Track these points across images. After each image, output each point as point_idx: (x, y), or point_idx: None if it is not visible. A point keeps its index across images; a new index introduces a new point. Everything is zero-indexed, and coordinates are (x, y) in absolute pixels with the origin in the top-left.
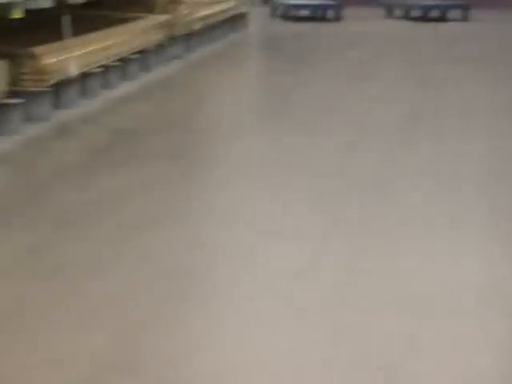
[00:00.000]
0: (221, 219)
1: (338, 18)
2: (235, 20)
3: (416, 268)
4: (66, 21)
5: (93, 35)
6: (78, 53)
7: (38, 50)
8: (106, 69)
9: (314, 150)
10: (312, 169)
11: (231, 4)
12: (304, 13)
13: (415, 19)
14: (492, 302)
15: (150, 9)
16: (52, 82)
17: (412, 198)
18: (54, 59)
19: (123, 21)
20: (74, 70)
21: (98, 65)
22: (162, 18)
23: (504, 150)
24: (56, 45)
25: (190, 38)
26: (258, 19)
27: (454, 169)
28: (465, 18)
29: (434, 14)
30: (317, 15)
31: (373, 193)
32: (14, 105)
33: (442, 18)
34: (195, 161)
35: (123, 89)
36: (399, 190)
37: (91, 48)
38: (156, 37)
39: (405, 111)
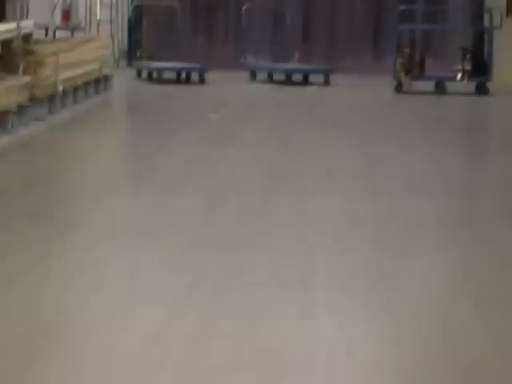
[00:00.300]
0: (80, 280)
1: (202, 81)
2: (100, 82)
3: (270, 328)
4: None
5: None
6: None
7: None
8: None
9: (173, 212)
10: (172, 230)
11: (96, 66)
12: (169, 75)
13: (278, 83)
14: (343, 361)
15: (11, 69)
16: None
17: (270, 257)
18: None
19: None
20: None
21: None
22: (24, 79)
23: (358, 209)
24: None
25: (54, 99)
26: (123, 81)
27: (311, 227)
28: (326, 82)
29: (297, 77)
30: (181, 78)
31: (232, 253)
32: None
33: (304, 82)
34: (55, 221)
35: None
36: (258, 249)
37: None
38: (17, 98)
39: (265, 173)
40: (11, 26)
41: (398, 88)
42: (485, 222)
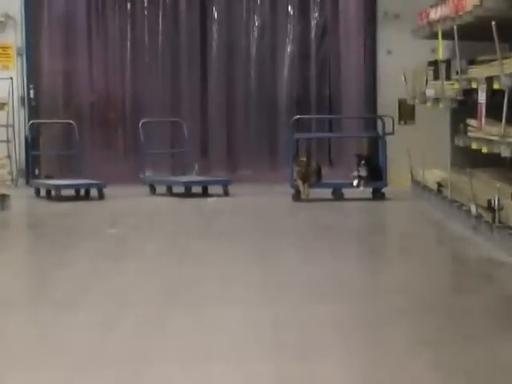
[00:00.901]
0: None
1: (101, 197)
2: None
3: None
4: None
5: None
6: None
7: None
8: None
9: (69, 328)
10: (67, 346)
11: None
12: (67, 192)
13: (178, 195)
14: None
15: None
16: None
17: (168, 369)
18: None
19: None
20: None
21: None
22: None
23: (255, 317)
24: None
25: None
26: (22, 200)
27: (209, 336)
28: (226, 193)
29: (197, 189)
30: (80, 194)
31: (129, 367)
32: None
33: (203, 194)
34: None
35: None
36: (155, 361)
37: None
38: None
39: (163, 286)
40: None
41: (296, 196)
42: (379, 326)
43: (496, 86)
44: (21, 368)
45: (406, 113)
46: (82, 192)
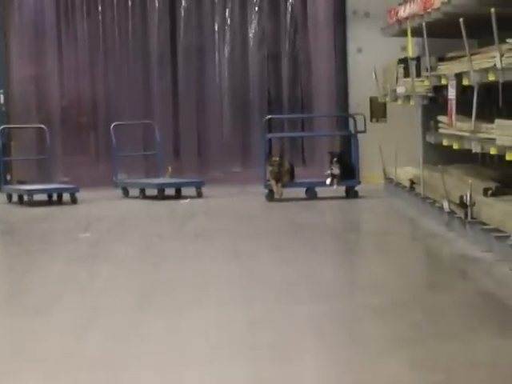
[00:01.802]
0: None
1: (74, 201)
2: None
3: None
4: None
5: None
6: None
7: None
8: None
9: (42, 333)
10: (41, 351)
11: None
12: (40, 197)
13: (151, 198)
14: None
15: None
16: None
17: (142, 373)
18: None
19: None
20: None
21: None
22: None
23: (231, 318)
24: None
25: None
26: None
27: (184, 339)
28: (199, 195)
29: (170, 191)
30: (53, 199)
31: (103, 371)
32: None
33: (177, 196)
34: None
35: None
36: (130, 365)
37: None
38: None
39: (137, 289)
40: None
41: (270, 196)
42: (354, 324)
43: (465, 82)
44: None
45: (378, 111)
46: (55, 197)
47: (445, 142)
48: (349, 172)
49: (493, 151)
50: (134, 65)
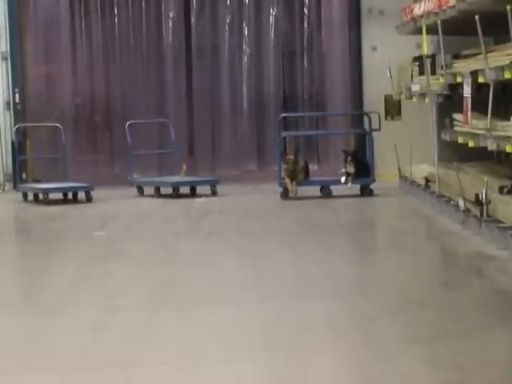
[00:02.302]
0: None
1: (89, 200)
2: None
3: None
4: None
5: None
6: None
7: None
8: None
9: (59, 331)
10: (59, 350)
11: None
12: (55, 196)
13: (166, 196)
14: None
15: None
16: None
17: (158, 372)
18: None
19: None
20: None
21: None
22: None
23: (247, 316)
24: None
25: None
26: (9, 205)
27: (199, 337)
28: (214, 193)
29: (184, 190)
30: (68, 198)
31: (119, 370)
32: None
33: (191, 194)
34: None
35: None
36: (145, 364)
37: None
38: None
39: (152, 287)
40: None
41: (284, 194)
42: (371, 322)
43: (481, 80)
44: (11, 372)
45: (393, 109)
46: (70, 195)
47: (460, 140)
48: (364, 170)
49: (509, 149)
50: (148, 63)
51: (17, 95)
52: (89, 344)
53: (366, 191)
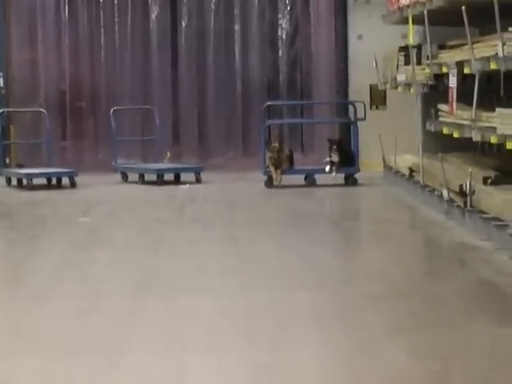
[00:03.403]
0: None
1: (73, 186)
2: None
3: None
4: None
5: None
6: None
7: None
8: None
9: (43, 317)
10: (43, 335)
11: None
12: (39, 181)
13: (150, 183)
14: None
15: None
16: None
17: (141, 358)
18: None
19: None
20: None
21: None
22: None
23: (229, 305)
24: None
25: None
26: None
27: (183, 325)
28: (198, 181)
29: (169, 177)
30: (52, 183)
31: (103, 357)
32: None
33: (176, 181)
34: None
35: None
36: (128, 351)
37: None
38: None
39: (136, 274)
40: None
41: (269, 182)
42: (354, 312)
43: (467, 71)
44: None
45: (378, 98)
46: (54, 181)
47: (445, 131)
48: (348, 159)
49: (493, 140)
50: (133, 49)
51: (0, 80)
52: (73, 330)
53: (350, 181)
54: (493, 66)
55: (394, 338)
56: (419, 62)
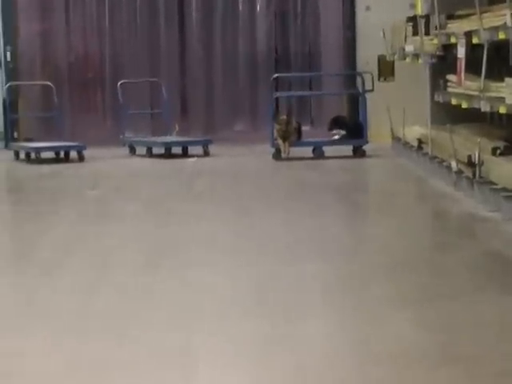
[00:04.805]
0: None
1: (81, 159)
2: None
3: None
4: None
5: None
6: None
7: None
8: None
9: (54, 290)
10: (53, 308)
11: None
12: (47, 155)
13: (158, 156)
14: None
15: None
16: None
17: (152, 332)
18: None
19: None
20: None
21: None
22: None
23: (241, 276)
24: None
25: None
26: (0, 163)
27: (194, 298)
28: (206, 154)
29: (177, 150)
30: (60, 157)
31: (114, 330)
32: None
33: (184, 154)
34: None
35: None
36: (141, 323)
37: None
38: None
39: (146, 248)
40: None
41: (277, 155)
42: (362, 284)
43: (475, 41)
44: (2, 333)
45: (386, 69)
46: (62, 154)
47: (453, 101)
48: (356, 131)
49: (502, 110)
50: (141, 22)
51: (8, 53)
52: (82, 303)
53: (358, 152)
54: (501, 36)
55: (400, 309)
56: (427, 33)
